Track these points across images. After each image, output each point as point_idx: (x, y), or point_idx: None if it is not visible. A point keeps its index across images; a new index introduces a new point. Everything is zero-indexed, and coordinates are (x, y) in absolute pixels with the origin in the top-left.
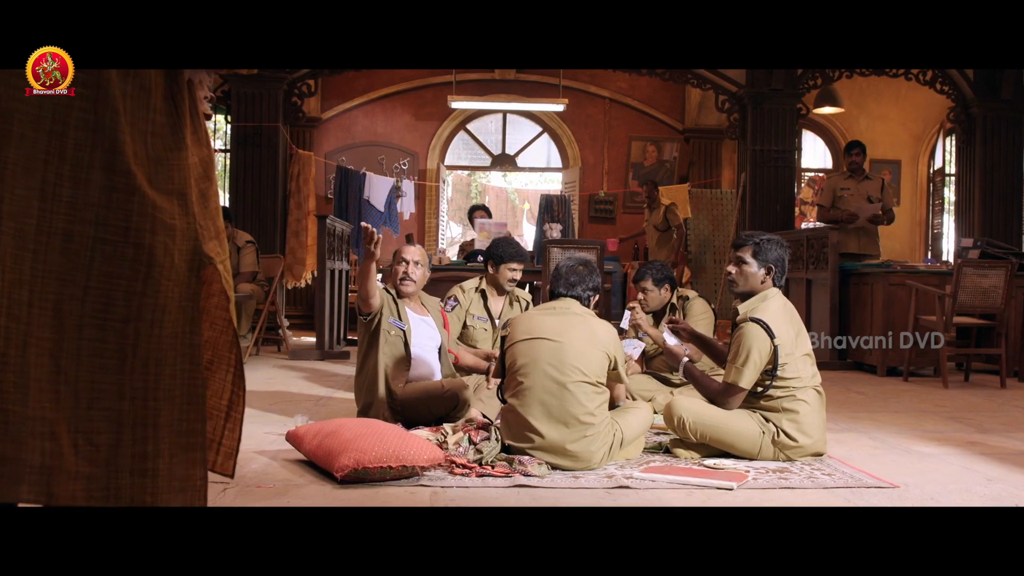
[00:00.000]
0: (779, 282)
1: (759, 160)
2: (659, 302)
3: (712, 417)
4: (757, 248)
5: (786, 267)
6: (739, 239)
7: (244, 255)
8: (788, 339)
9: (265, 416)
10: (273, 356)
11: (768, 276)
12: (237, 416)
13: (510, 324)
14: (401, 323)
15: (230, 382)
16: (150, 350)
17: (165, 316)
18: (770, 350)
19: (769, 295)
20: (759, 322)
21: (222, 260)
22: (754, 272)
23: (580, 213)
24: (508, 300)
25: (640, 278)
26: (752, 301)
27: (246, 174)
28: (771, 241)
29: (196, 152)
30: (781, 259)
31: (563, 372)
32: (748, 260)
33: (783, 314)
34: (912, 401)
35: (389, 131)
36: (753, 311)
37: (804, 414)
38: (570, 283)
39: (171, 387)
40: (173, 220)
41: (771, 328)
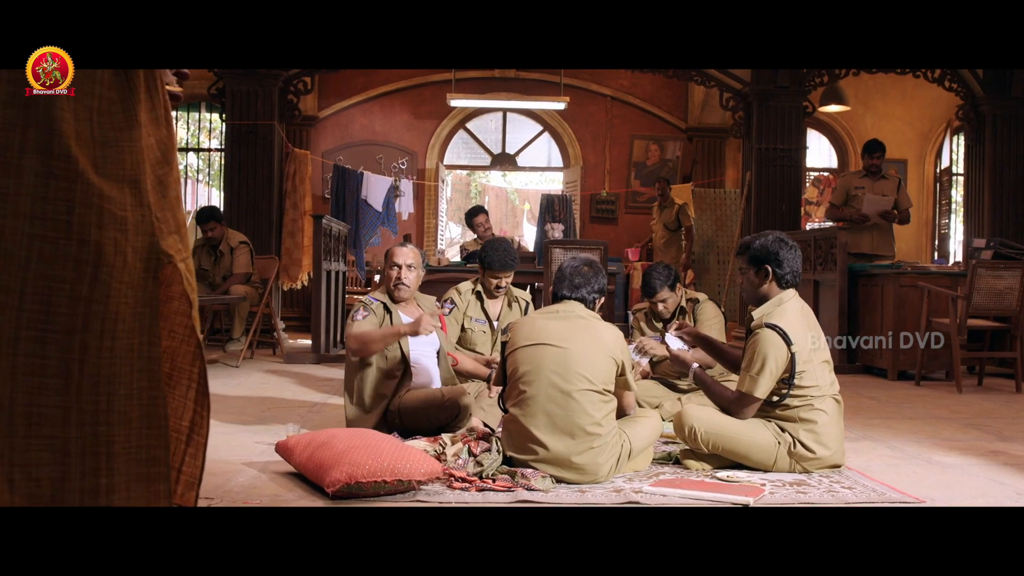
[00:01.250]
0: (790, 283)
1: (765, 159)
2: (675, 304)
3: (725, 427)
4: (750, 252)
5: (792, 265)
6: (739, 248)
7: (237, 256)
8: (806, 346)
9: (256, 424)
10: (268, 359)
11: (769, 279)
12: (200, 440)
13: (511, 329)
14: None
15: (192, 400)
16: (100, 366)
17: (118, 325)
18: (787, 358)
19: (784, 298)
20: (775, 328)
21: (183, 258)
22: (752, 278)
23: (581, 213)
24: (507, 301)
25: (652, 291)
26: (767, 306)
27: (241, 173)
28: (765, 242)
29: (153, 133)
30: (777, 256)
31: (568, 380)
32: (744, 266)
33: (800, 319)
34: (926, 407)
35: (387, 130)
36: (768, 316)
37: (822, 424)
38: (574, 285)
39: (126, 409)
40: (124, 212)
41: (788, 334)
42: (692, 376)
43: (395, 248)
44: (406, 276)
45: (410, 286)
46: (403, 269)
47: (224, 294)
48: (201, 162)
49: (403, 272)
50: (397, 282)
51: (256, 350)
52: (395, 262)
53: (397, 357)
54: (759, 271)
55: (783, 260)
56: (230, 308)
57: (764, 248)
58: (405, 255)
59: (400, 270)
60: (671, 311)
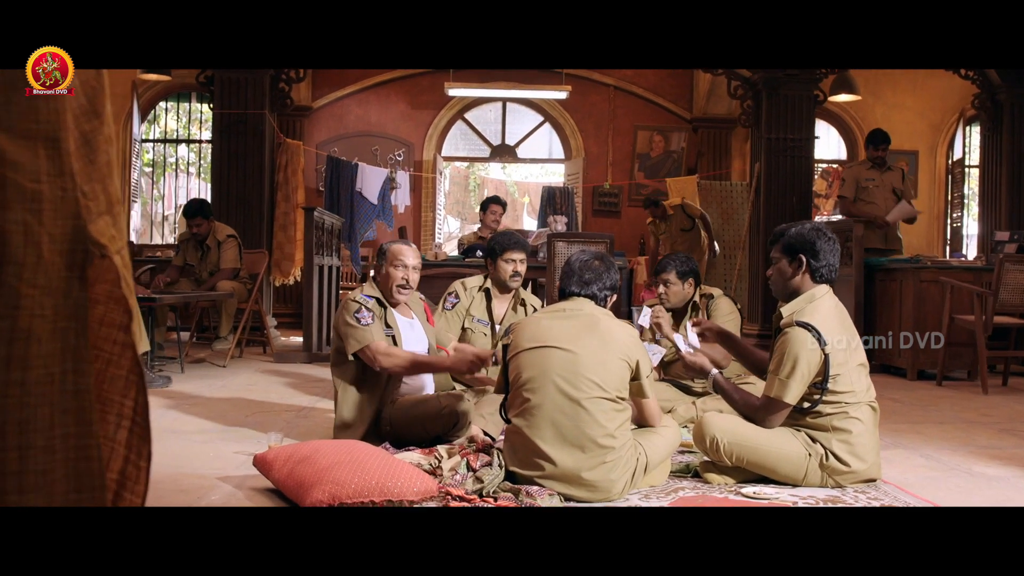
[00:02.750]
0: (825, 277)
1: (774, 149)
2: (681, 298)
3: (751, 438)
4: (785, 240)
5: (829, 258)
6: (773, 235)
7: (225, 250)
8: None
9: (238, 431)
10: (258, 358)
11: (803, 271)
12: (134, 497)
13: (512, 330)
14: (390, 329)
15: (124, 443)
16: (7, 408)
17: (30, 349)
18: (820, 360)
19: (817, 294)
20: (807, 327)
21: (118, 248)
22: (785, 268)
23: (583, 206)
24: (513, 303)
25: (661, 269)
26: (798, 301)
27: (230, 164)
28: (802, 229)
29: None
30: (814, 246)
31: (577, 387)
32: (778, 256)
33: (835, 317)
34: (953, 409)
35: (383, 120)
36: (800, 314)
37: (858, 434)
38: (584, 280)
39: (47, 466)
40: (38, 184)
41: (821, 334)
42: (711, 382)
43: (399, 247)
44: (413, 278)
45: (413, 288)
46: (411, 270)
47: (210, 290)
48: (192, 154)
49: (410, 274)
50: (404, 284)
51: (246, 349)
52: (402, 262)
53: None
54: (792, 260)
55: (820, 251)
56: (217, 305)
57: (800, 236)
58: (412, 256)
59: (408, 271)
60: (672, 302)
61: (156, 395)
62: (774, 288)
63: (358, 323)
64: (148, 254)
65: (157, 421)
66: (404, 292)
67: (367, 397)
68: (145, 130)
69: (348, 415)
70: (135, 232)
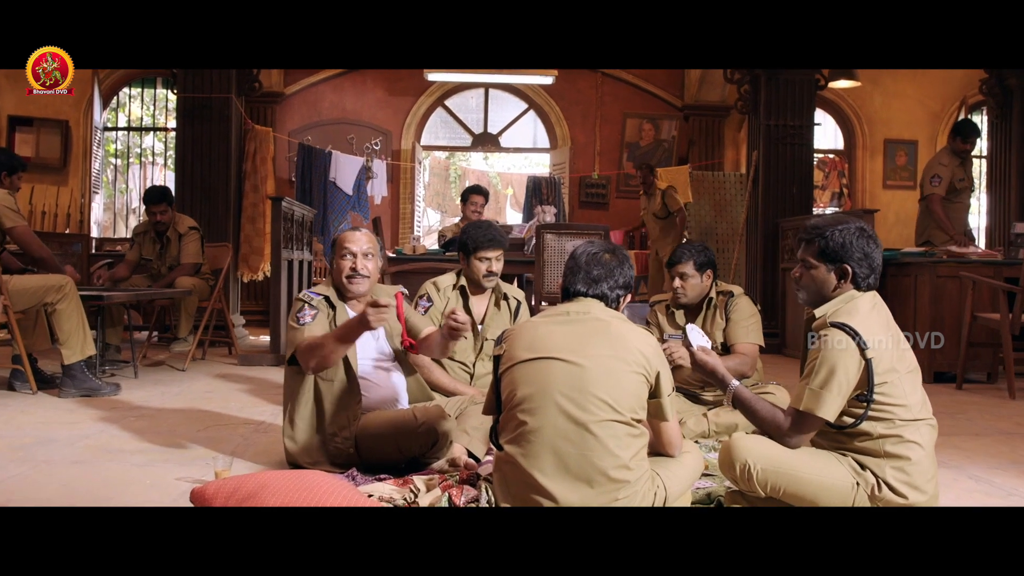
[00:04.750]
0: (872, 286)
1: (773, 136)
2: (699, 292)
3: (790, 464)
4: (824, 243)
5: (875, 264)
6: (804, 233)
7: (186, 244)
8: (885, 350)
9: (185, 451)
10: (222, 360)
11: (844, 281)
12: None
13: (506, 337)
14: None
15: None
16: None
17: None
18: (860, 366)
19: (855, 294)
20: (845, 328)
21: None
22: (824, 277)
23: (570, 197)
24: (494, 299)
25: (677, 260)
26: (834, 303)
27: (194, 151)
28: (847, 233)
29: None
30: (863, 253)
31: (584, 407)
32: (814, 262)
33: (876, 317)
34: (984, 418)
35: (359, 107)
36: (835, 314)
37: (916, 461)
38: (592, 278)
39: None
40: None
41: (861, 335)
42: (730, 397)
43: (344, 233)
44: (363, 266)
45: (368, 277)
46: (359, 258)
47: (168, 287)
48: (159, 143)
49: (359, 261)
50: (352, 274)
51: (209, 350)
52: (348, 249)
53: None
54: (834, 269)
55: (866, 258)
56: (175, 303)
57: (845, 242)
58: (360, 241)
59: (356, 259)
60: (689, 296)
61: (100, 405)
62: (804, 295)
63: (296, 324)
64: (107, 248)
65: (94, 438)
66: (356, 282)
67: (328, 411)
68: (109, 118)
69: (302, 436)
70: (97, 225)
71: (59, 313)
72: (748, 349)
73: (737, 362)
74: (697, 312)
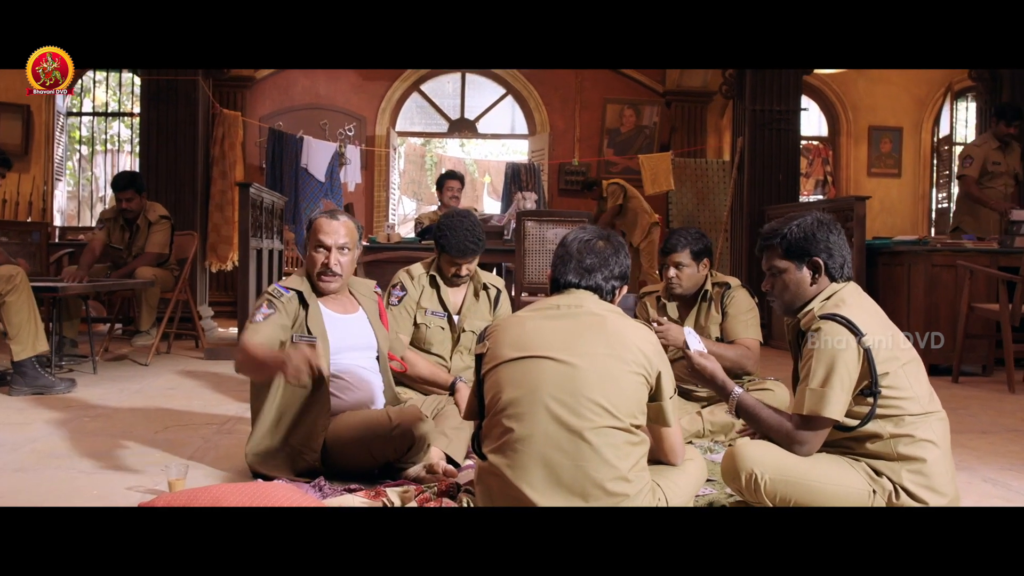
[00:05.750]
0: (846, 275)
1: (759, 122)
2: (695, 283)
3: (800, 472)
4: (785, 242)
5: (842, 251)
6: (762, 240)
7: (154, 233)
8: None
9: (140, 455)
10: (188, 354)
11: (819, 274)
12: None
13: (489, 333)
14: (311, 336)
15: None
16: None
17: None
18: (860, 355)
19: (836, 287)
20: (836, 318)
21: None
22: (797, 277)
23: (549, 185)
24: (472, 289)
25: (671, 249)
26: (816, 300)
27: (159, 136)
28: (804, 225)
29: None
30: (827, 242)
31: (578, 412)
32: (781, 265)
33: (865, 305)
34: (988, 413)
35: (332, 92)
36: (822, 308)
37: (933, 462)
38: (585, 267)
39: None
40: None
41: (856, 324)
42: (733, 406)
43: (321, 220)
44: (337, 262)
45: (342, 275)
46: (333, 252)
47: (128, 276)
48: (126, 129)
49: (333, 256)
50: (324, 270)
51: (176, 343)
52: (321, 242)
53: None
54: (805, 265)
55: (833, 247)
56: (137, 295)
57: (806, 234)
58: (337, 232)
59: (329, 254)
60: (684, 287)
61: (53, 404)
62: (782, 303)
63: (250, 320)
64: (70, 237)
65: (41, 442)
66: (329, 280)
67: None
68: (73, 103)
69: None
70: (60, 214)
71: (8, 306)
72: (749, 343)
73: (738, 354)
74: (691, 304)
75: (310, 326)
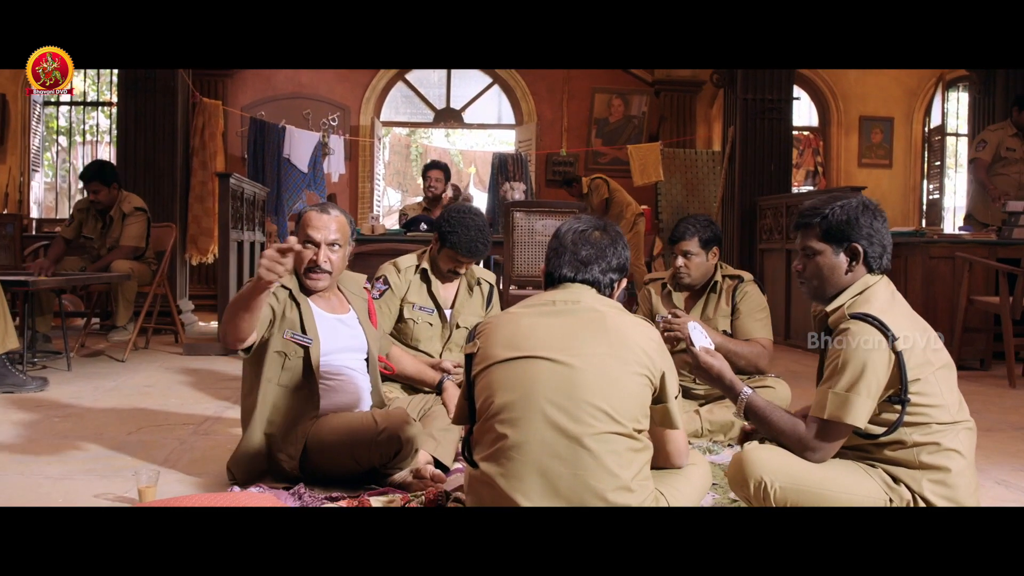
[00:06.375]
0: (884, 267)
1: (751, 111)
2: (704, 272)
3: (812, 480)
4: (826, 223)
5: (884, 240)
6: (800, 218)
7: (129, 225)
8: (917, 342)
9: (110, 459)
10: (167, 350)
11: (856, 262)
12: None
13: (480, 332)
14: (306, 337)
15: None
16: None
17: None
18: (891, 361)
19: (870, 281)
20: (867, 319)
21: None
22: (832, 262)
23: (536, 176)
24: (466, 283)
25: (679, 237)
26: (847, 293)
27: (137, 126)
28: (848, 208)
29: None
30: (871, 229)
31: (577, 417)
32: (817, 247)
33: (898, 305)
34: (991, 411)
35: (316, 81)
36: (852, 305)
37: (957, 472)
38: (580, 259)
39: None
40: None
41: (888, 325)
42: (742, 407)
43: (311, 214)
44: (326, 259)
45: (332, 272)
46: (323, 249)
47: (103, 270)
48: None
49: (322, 254)
50: (312, 267)
51: (154, 338)
52: (311, 237)
53: (298, 368)
54: (842, 251)
55: (874, 234)
56: (112, 289)
57: (849, 218)
58: (327, 227)
59: (318, 250)
60: (692, 277)
61: (23, 404)
62: (811, 288)
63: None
64: (47, 229)
65: (7, 445)
66: (317, 278)
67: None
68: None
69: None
70: (37, 205)
71: None
72: (765, 343)
73: (754, 352)
74: (698, 295)
75: (306, 321)
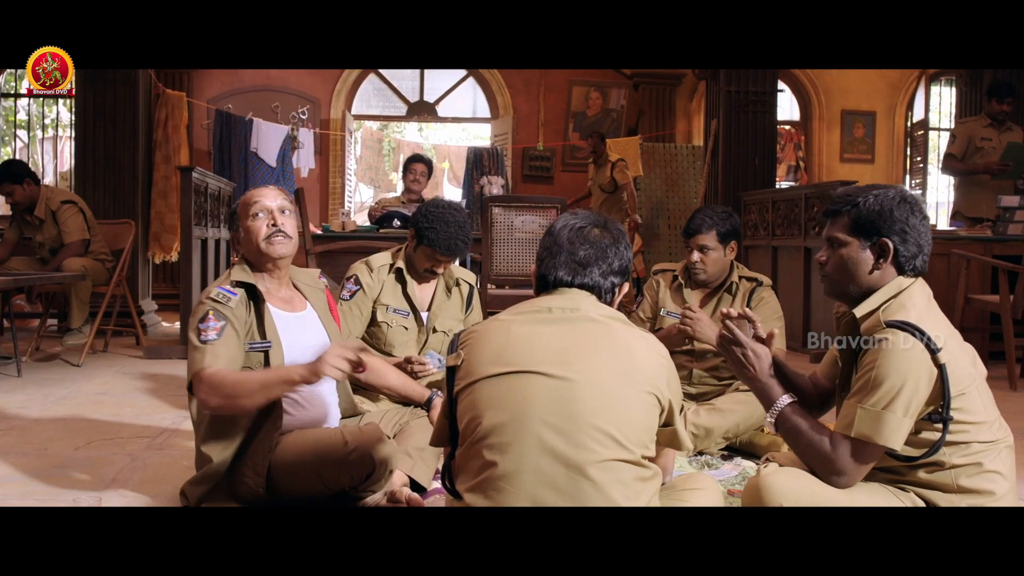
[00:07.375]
0: (918, 269)
1: (735, 104)
2: (720, 268)
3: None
4: (856, 212)
5: (922, 239)
6: (831, 204)
7: (64, 220)
8: (957, 352)
9: (54, 480)
10: (127, 352)
11: (884, 260)
12: None
13: (463, 342)
14: (264, 341)
15: None
16: None
17: None
18: (932, 375)
19: (903, 283)
20: (907, 327)
21: None
22: (857, 256)
23: (513, 171)
24: (444, 285)
25: (696, 230)
26: (877, 297)
27: (95, 119)
28: (884, 199)
29: None
30: (906, 224)
31: (578, 442)
32: (844, 238)
33: (936, 313)
34: None
35: (285, 73)
36: (887, 311)
37: (1000, 496)
38: (578, 261)
39: None
40: None
41: (929, 335)
42: (775, 415)
43: (247, 193)
44: (284, 222)
45: (292, 236)
46: (276, 214)
47: (56, 270)
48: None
49: (277, 217)
50: (273, 232)
51: (114, 340)
52: (263, 205)
53: None
54: (870, 245)
55: (909, 231)
56: (65, 290)
57: (884, 210)
58: (269, 194)
59: (272, 215)
60: (709, 273)
61: None
62: (831, 282)
63: (197, 340)
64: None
65: None
66: (278, 242)
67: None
68: (9, 84)
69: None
70: None
71: None
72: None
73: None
74: (713, 294)
75: (266, 329)
